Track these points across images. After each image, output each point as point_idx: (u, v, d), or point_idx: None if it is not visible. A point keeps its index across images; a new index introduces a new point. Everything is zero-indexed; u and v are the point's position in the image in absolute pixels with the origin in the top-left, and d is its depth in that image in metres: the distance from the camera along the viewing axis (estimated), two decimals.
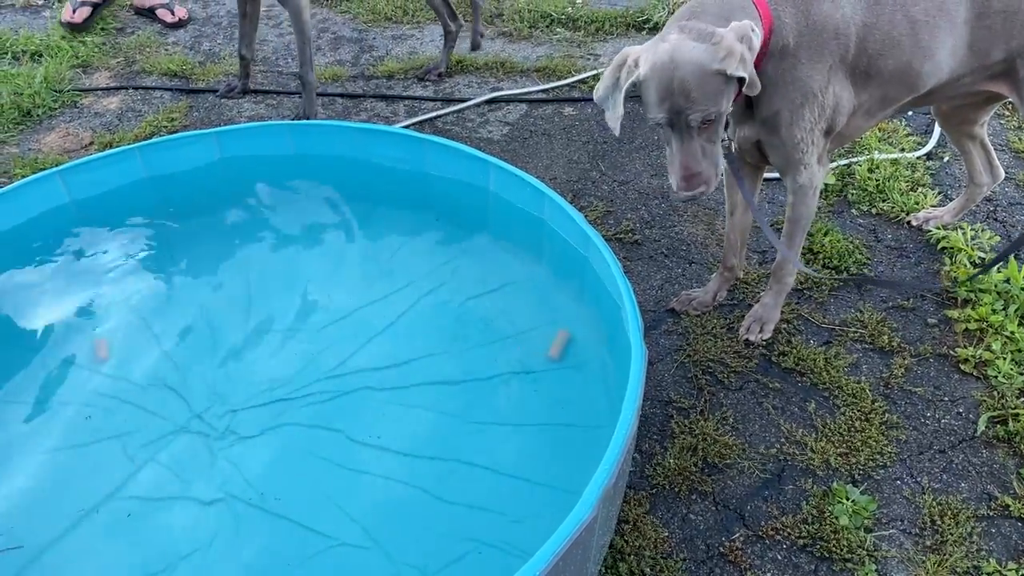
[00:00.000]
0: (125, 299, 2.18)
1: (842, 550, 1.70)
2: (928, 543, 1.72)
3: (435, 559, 1.60)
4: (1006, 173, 2.59)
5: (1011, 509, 1.77)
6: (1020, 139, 2.94)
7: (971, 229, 2.48)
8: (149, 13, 4.14)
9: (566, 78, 3.45)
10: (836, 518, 1.75)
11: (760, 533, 1.75)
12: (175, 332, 2.08)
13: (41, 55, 3.73)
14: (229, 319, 2.12)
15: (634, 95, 1.73)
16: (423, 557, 1.60)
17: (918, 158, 2.89)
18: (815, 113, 1.80)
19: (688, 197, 1.72)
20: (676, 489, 1.83)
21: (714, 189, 1.74)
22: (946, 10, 1.81)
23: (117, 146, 2.91)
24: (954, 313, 2.23)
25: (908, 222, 2.58)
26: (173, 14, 4.10)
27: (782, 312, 2.21)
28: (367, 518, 1.67)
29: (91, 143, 3.14)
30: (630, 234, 2.58)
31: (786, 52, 1.73)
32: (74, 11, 4.06)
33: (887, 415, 1.98)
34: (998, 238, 2.46)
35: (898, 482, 1.85)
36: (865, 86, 1.84)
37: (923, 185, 2.75)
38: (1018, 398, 2.00)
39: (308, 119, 3.15)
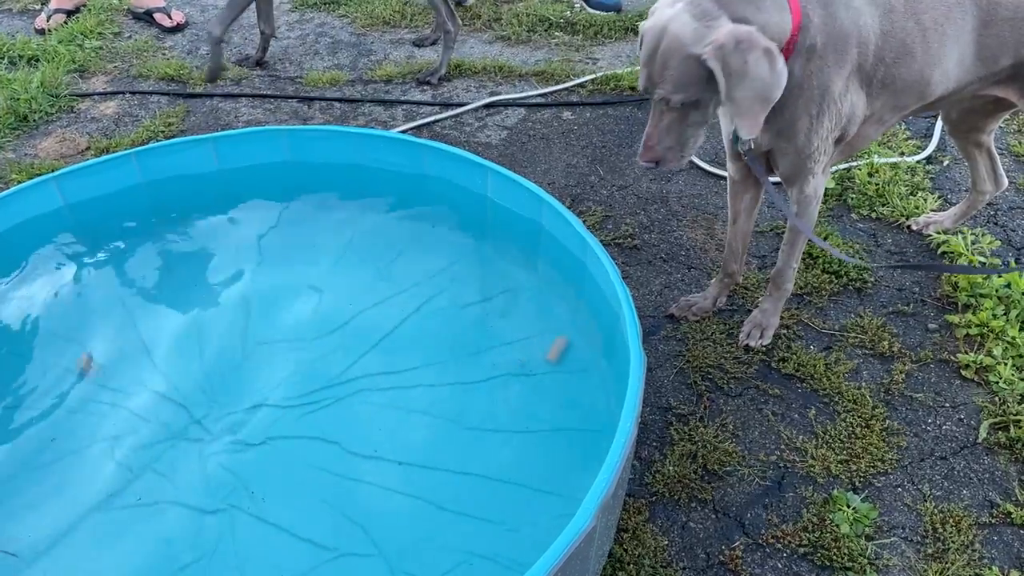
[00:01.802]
0: (121, 305, 2.17)
1: (843, 558, 1.68)
2: (930, 551, 1.71)
3: (433, 568, 1.58)
4: (1007, 178, 2.58)
5: (1013, 516, 1.76)
6: (1021, 143, 2.94)
7: (972, 233, 2.47)
8: (147, 17, 4.13)
9: (565, 82, 3.44)
10: (837, 526, 1.74)
11: (760, 541, 1.74)
12: (172, 339, 2.07)
13: (38, 59, 3.72)
14: (226, 326, 2.10)
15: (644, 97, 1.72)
16: (421, 566, 1.58)
17: (918, 162, 2.88)
18: (832, 121, 1.78)
19: (644, 167, 1.77)
20: (676, 497, 1.82)
21: (677, 169, 1.75)
22: (953, 18, 1.79)
23: (114, 151, 2.90)
24: (955, 318, 2.22)
25: (908, 227, 2.57)
26: (171, 18, 4.09)
27: (782, 317, 2.20)
28: (366, 526, 1.65)
29: (87, 148, 3.13)
30: (629, 239, 2.57)
31: (813, 53, 1.69)
32: (48, 18, 4.06)
33: (888, 421, 1.97)
34: (999, 243, 2.45)
35: (899, 489, 1.83)
36: (879, 95, 1.82)
37: (923, 189, 2.74)
38: (1019, 404, 1.98)
39: (213, 73, 3.38)
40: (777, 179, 2.00)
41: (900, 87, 1.82)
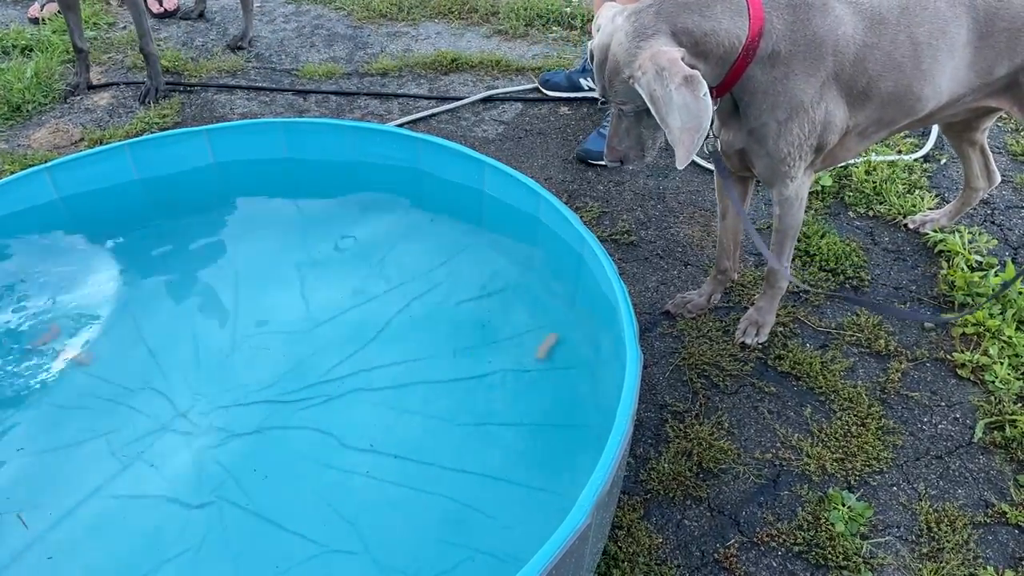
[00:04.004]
0: (113, 297, 2.15)
1: (838, 557, 1.68)
2: (925, 550, 1.70)
3: (426, 566, 1.57)
4: (1003, 176, 2.58)
5: (1008, 516, 1.76)
6: (1018, 142, 2.93)
7: (968, 232, 2.47)
8: None
9: None
10: (832, 525, 1.74)
11: (755, 539, 1.73)
12: (163, 332, 2.05)
13: (32, 49, 3.70)
14: (218, 319, 2.09)
15: None
16: (414, 564, 1.57)
17: (915, 160, 2.87)
18: (804, 129, 1.75)
19: (608, 163, 1.84)
20: (671, 494, 1.81)
21: (639, 167, 1.76)
22: (948, 32, 1.76)
23: (107, 143, 2.88)
24: (951, 316, 2.21)
25: (905, 225, 2.57)
26: (161, 4, 4.05)
27: (778, 315, 2.19)
28: (357, 522, 1.64)
29: (81, 139, 3.11)
30: (625, 235, 2.56)
31: (777, 60, 1.67)
32: (41, 8, 4.03)
33: (883, 420, 1.97)
34: (996, 241, 2.44)
35: (894, 488, 1.83)
36: (862, 107, 1.79)
37: (920, 188, 2.73)
38: (1015, 404, 1.98)
39: (157, 90, 3.32)
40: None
41: (886, 100, 1.79)
